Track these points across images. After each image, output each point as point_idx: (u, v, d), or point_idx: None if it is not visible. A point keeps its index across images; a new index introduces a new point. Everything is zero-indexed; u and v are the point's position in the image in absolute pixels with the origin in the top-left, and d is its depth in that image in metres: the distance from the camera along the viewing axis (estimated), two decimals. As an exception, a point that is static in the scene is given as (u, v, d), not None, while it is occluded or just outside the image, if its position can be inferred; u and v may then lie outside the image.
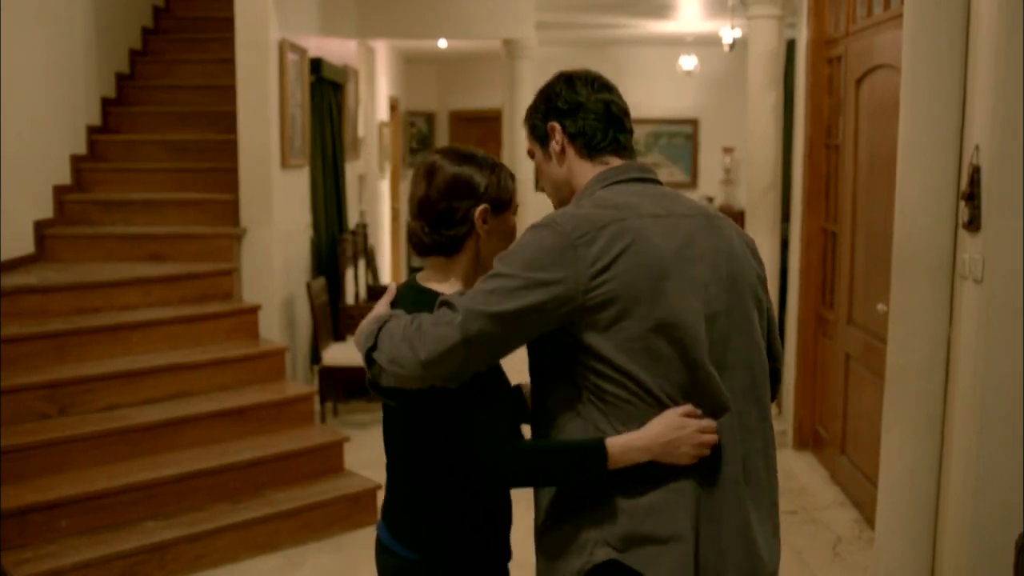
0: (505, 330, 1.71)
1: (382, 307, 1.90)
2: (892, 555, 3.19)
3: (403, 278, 11.49)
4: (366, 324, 1.84)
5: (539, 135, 1.91)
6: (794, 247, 5.68)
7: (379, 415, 7.29)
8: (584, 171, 1.87)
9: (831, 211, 5.23)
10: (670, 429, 1.73)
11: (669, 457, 1.74)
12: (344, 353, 6.19)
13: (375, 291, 7.77)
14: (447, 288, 1.94)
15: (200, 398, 4.76)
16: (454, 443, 1.87)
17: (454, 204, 1.90)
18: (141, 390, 4.60)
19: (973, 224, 2.81)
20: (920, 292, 3.04)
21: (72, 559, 3.79)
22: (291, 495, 4.51)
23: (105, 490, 4.06)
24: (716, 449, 1.77)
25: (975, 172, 2.79)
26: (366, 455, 5.50)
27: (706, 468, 1.77)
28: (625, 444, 1.72)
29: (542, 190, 1.97)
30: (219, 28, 6.32)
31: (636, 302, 1.70)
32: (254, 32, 5.44)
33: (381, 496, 4.72)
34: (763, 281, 1.92)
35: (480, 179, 1.91)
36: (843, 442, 4.86)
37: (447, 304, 1.75)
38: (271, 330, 5.49)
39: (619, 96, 1.92)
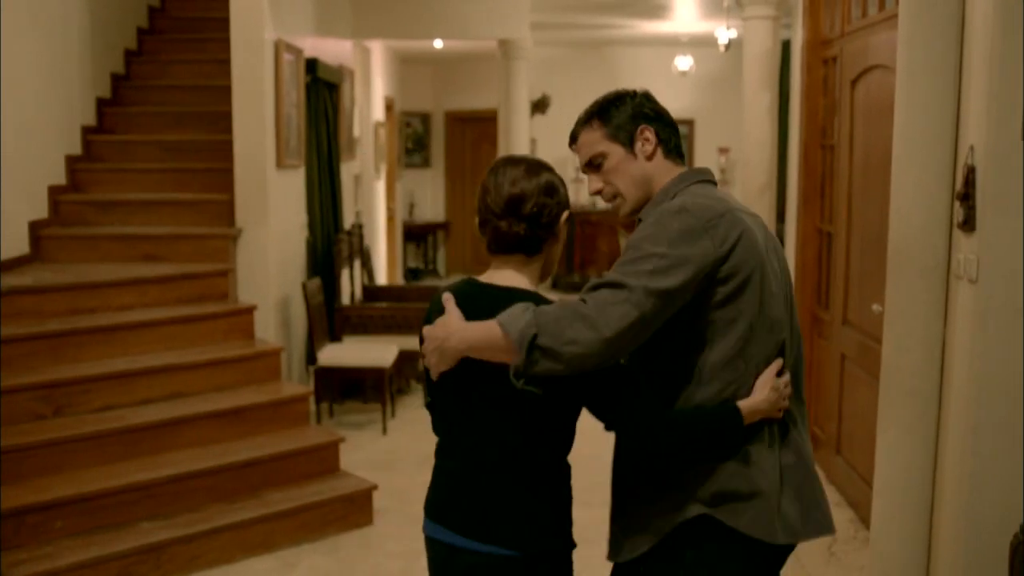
0: (666, 306, 1.86)
1: (453, 316, 1.94)
2: (887, 555, 3.20)
3: (399, 279, 11.48)
4: (507, 316, 1.83)
5: (625, 137, 2.07)
6: (789, 247, 5.69)
7: (375, 416, 7.22)
8: (669, 170, 2.09)
9: (826, 211, 5.23)
10: (772, 390, 1.96)
11: (771, 414, 1.97)
12: (340, 353, 6.19)
13: (371, 292, 7.76)
14: (523, 286, 1.99)
15: (196, 399, 4.76)
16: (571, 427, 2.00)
17: (545, 207, 1.99)
18: (137, 391, 4.60)
19: (968, 224, 2.82)
20: (915, 292, 3.05)
21: (68, 560, 3.78)
22: (287, 495, 4.51)
23: (101, 491, 4.06)
24: (789, 414, 2.03)
25: (970, 172, 2.79)
26: (361, 455, 5.50)
27: (781, 432, 2.02)
28: (748, 407, 1.94)
29: (596, 193, 2.10)
30: (214, 28, 6.31)
31: (748, 282, 1.92)
32: (249, 32, 5.44)
33: (377, 496, 4.75)
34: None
35: (562, 187, 2.04)
36: (838, 442, 4.86)
37: (612, 284, 1.84)
38: (267, 330, 5.49)
39: None
